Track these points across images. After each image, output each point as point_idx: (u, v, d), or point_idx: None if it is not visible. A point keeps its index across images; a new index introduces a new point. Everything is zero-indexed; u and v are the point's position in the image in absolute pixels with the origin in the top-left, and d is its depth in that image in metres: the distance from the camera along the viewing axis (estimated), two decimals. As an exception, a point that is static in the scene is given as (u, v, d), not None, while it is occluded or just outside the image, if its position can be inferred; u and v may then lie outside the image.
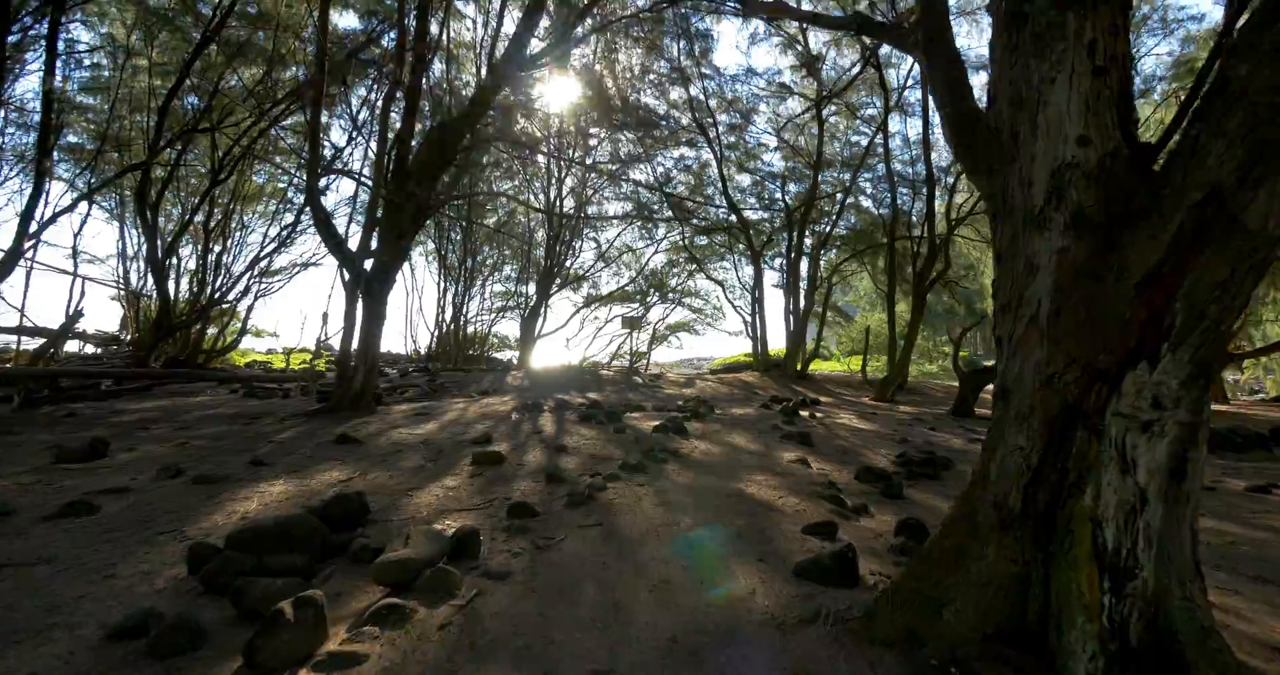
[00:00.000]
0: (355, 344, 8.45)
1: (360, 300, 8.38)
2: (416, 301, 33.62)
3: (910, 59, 15.80)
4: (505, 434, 6.61)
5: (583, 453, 5.60)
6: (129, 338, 15.28)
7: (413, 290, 28.89)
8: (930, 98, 13.40)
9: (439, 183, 8.43)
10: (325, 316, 11.61)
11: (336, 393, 8.32)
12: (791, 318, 17.72)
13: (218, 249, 15.64)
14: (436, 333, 24.58)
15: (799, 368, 16.82)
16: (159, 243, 12.80)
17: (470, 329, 26.27)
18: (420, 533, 2.73)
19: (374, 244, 8.78)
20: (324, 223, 7.50)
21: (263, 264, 15.72)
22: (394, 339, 43.41)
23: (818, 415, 9.32)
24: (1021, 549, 1.72)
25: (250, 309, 16.43)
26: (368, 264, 8.46)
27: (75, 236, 14.85)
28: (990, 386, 16.36)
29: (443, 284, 24.52)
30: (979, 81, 16.45)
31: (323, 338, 9.13)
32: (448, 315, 24.17)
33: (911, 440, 6.98)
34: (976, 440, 7.20)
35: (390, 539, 3.09)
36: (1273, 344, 13.54)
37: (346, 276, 8.39)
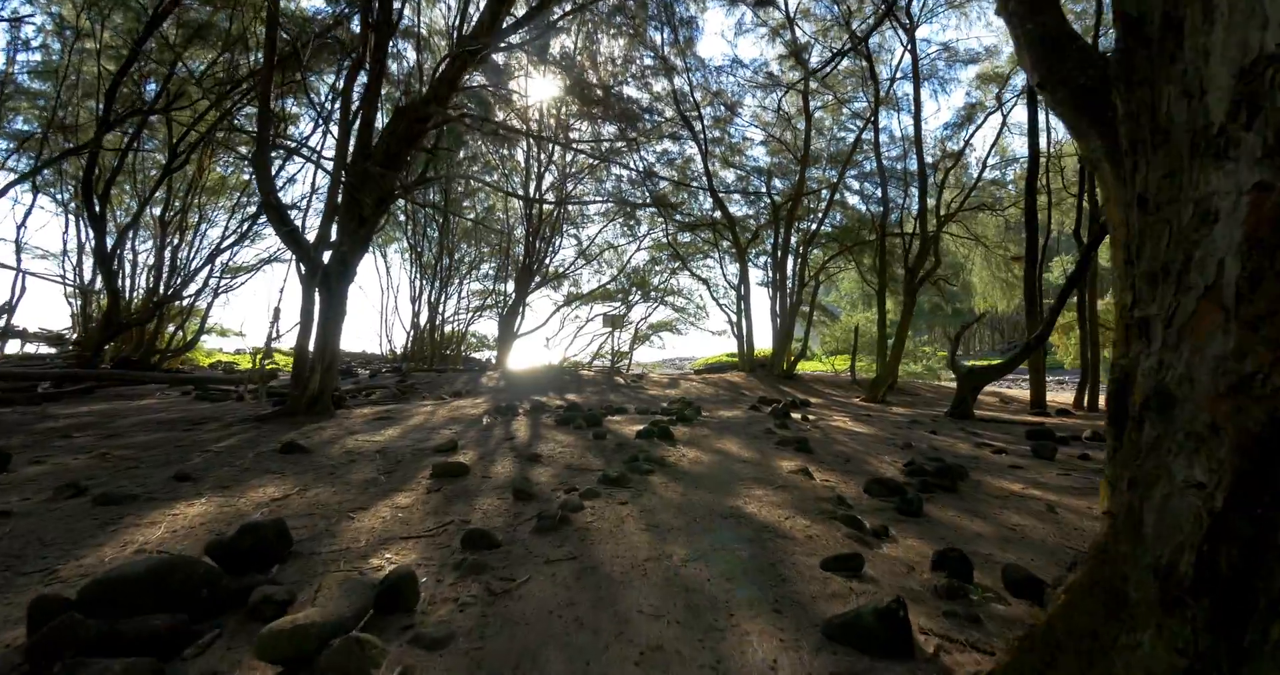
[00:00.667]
0: (312, 342, 7.74)
1: (317, 294, 7.68)
2: (392, 300, 32.56)
3: (901, 49, 15.37)
4: (473, 441, 5.98)
5: (558, 463, 4.99)
6: (76, 337, 14.35)
7: (388, 289, 27.93)
8: (920, 87, 12.96)
9: (404, 166, 7.76)
10: (277, 312, 10.57)
11: (292, 395, 7.62)
12: (778, 317, 17.23)
13: (176, 242, 14.76)
14: (412, 333, 23.79)
15: (785, 367, 16.31)
16: (107, 235, 11.92)
17: (448, 328, 25.51)
18: (335, 583, 2.10)
19: (335, 234, 8.09)
20: (274, 207, 6.79)
21: (223, 258, 14.85)
22: (369, 339, 42.54)
23: (810, 417, 8.78)
24: (1195, 636, 1.15)
25: (210, 306, 15.53)
26: (329, 257, 7.78)
27: (19, 228, 13.88)
28: (989, 387, 16.04)
29: (419, 282, 23.74)
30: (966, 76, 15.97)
31: (273, 335, 8.31)
32: (424, 315, 23.39)
33: (916, 445, 6.45)
34: (984, 445, 6.69)
35: (312, 581, 2.46)
36: None
37: (304, 269, 7.65)
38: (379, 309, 23.32)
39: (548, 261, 22.53)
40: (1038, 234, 11.18)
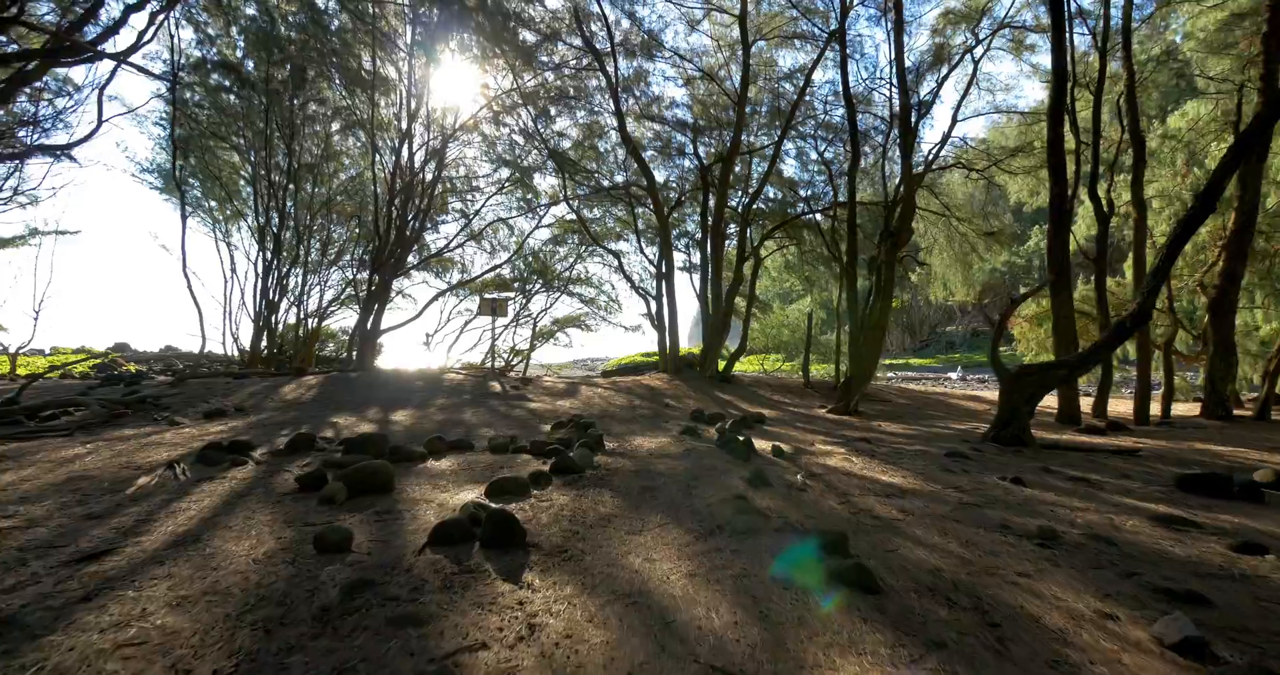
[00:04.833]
0: None
1: None
2: (238, 292, 26.07)
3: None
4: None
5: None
6: None
7: (232, 277, 21.79)
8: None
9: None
10: None
11: None
12: (709, 305, 13.77)
13: None
14: (257, 329, 18.90)
15: (721, 368, 12.94)
16: None
17: (310, 323, 20.78)
18: None
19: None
20: None
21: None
22: (214, 337, 36.41)
23: (785, 449, 5.34)
24: None
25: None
26: None
27: None
28: (958, 390, 13.16)
29: (262, 268, 18.80)
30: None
31: None
32: (274, 307, 18.52)
33: (1058, 527, 3.05)
34: (1182, 525, 3.37)
35: None
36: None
37: None
38: (223, 301, 18.12)
39: (427, 239, 18.35)
40: (1065, 180, 8.29)
